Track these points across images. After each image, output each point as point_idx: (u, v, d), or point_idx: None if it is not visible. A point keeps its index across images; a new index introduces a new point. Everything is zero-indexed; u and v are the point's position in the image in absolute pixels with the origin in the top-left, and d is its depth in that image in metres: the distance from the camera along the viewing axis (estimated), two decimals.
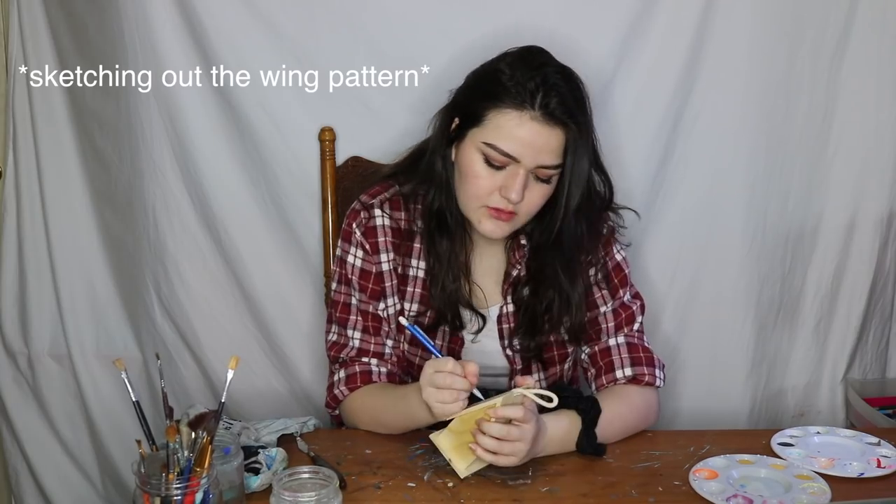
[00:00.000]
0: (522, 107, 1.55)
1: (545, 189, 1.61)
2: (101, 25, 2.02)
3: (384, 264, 1.73)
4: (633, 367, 1.71)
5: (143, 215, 2.09)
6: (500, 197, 1.58)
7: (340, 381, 1.73)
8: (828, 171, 2.09)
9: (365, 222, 1.73)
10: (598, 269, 1.74)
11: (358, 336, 1.74)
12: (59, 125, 2.13)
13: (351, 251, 1.74)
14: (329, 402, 1.76)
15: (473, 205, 1.62)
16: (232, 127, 2.02)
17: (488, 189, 1.58)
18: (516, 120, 1.55)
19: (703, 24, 1.98)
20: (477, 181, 1.59)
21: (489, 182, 1.58)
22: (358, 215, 1.74)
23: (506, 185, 1.57)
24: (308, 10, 1.96)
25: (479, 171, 1.59)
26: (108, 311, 2.22)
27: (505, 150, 1.56)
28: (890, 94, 2.06)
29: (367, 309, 1.74)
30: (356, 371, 1.72)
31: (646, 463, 1.56)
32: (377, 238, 1.73)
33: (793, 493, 1.44)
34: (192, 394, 2.15)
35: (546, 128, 1.55)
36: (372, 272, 1.73)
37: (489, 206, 1.60)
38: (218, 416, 1.30)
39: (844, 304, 2.16)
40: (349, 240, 1.74)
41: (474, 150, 1.59)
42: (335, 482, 1.30)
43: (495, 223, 1.61)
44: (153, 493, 1.22)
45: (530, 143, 1.55)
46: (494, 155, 1.56)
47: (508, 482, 1.49)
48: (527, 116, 1.55)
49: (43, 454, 2.29)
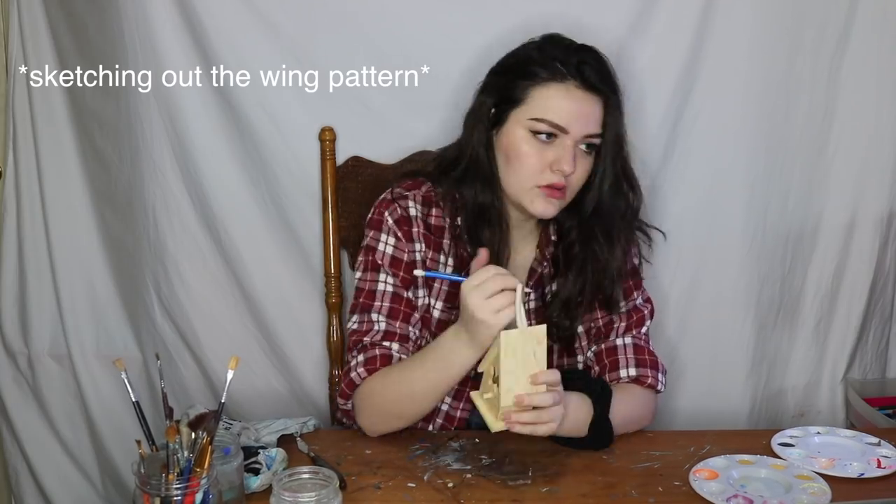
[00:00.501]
0: (564, 79, 1.58)
1: (588, 162, 1.63)
2: (101, 25, 2.02)
3: (417, 254, 1.71)
4: (638, 367, 1.71)
5: (143, 215, 2.09)
6: (552, 172, 1.59)
7: (358, 365, 1.65)
8: (828, 171, 2.09)
9: (399, 211, 1.71)
10: None
11: (383, 320, 1.68)
12: (59, 125, 2.14)
13: (382, 238, 1.71)
14: (344, 389, 1.67)
15: (526, 185, 1.62)
16: (232, 127, 2.02)
17: (539, 166, 1.59)
18: (561, 91, 1.58)
19: (703, 24, 1.98)
20: (527, 159, 1.60)
21: (539, 159, 1.59)
22: (391, 204, 1.72)
23: (557, 159, 1.58)
24: (308, 10, 1.96)
25: (527, 150, 1.60)
26: (108, 311, 2.22)
27: (554, 121, 1.58)
28: (890, 94, 2.06)
29: (400, 293, 1.69)
30: (376, 354, 1.65)
31: (646, 463, 1.56)
32: (410, 227, 1.71)
33: (793, 493, 1.44)
34: (192, 394, 2.15)
35: (588, 95, 1.59)
36: (403, 260, 1.70)
37: (541, 186, 1.60)
38: (218, 417, 1.30)
39: (844, 304, 2.16)
40: (380, 227, 1.71)
41: (520, 129, 1.60)
42: (335, 482, 1.30)
43: (548, 201, 1.61)
44: (153, 494, 1.22)
45: (577, 111, 1.58)
46: (543, 128, 1.58)
47: (508, 482, 1.49)
48: (571, 85, 1.58)
49: (43, 454, 2.29)
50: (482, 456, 1.57)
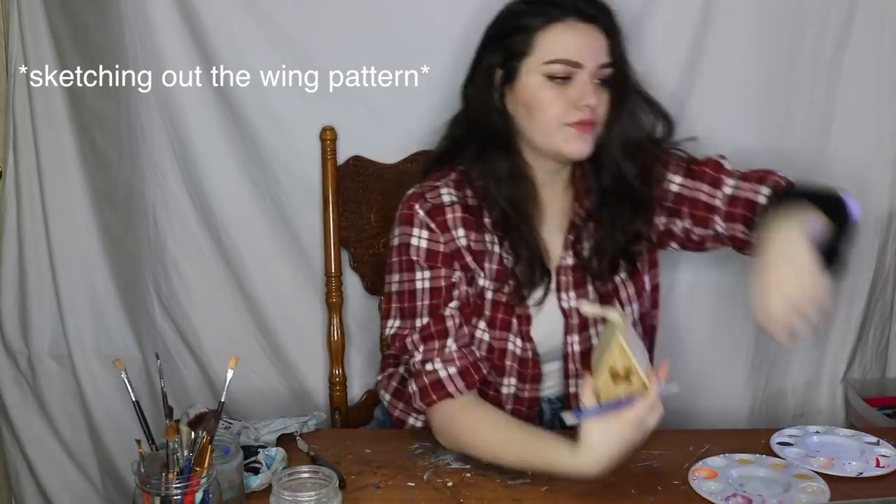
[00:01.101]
0: (563, 16, 1.57)
1: (607, 93, 1.61)
2: (101, 25, 2.02)
3: (459, 240, 1.63)
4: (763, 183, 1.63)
5: (143, 215, 2.09)
6: (577, 109, 1.57)
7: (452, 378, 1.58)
8: (828, 171, 2.09)
9: (430, 202, 1.64)
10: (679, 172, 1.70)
11: (426, 321, 1.61)
12: (59, 125, 2.14)
13: (414, 233, 1.62)
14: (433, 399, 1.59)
15: (554, 128, 1.59)
16: (232, 127, 2.02)
17: (563, 107, 1.57)
18: (565, 29, 1.57)
19: (703, 24, 1.98)
20: (550, 103, 1.58)
21: (561, 100, 1.57)
22: (420, 198, 1.64)
23: (579, 95, 1.57)
24: (308, 10, 1.96)
25: (547, 94, 1.58)
26: (108, 311, 2.22)
27: (567, 58, 1.56)
28: (890, 94, 2.06)
29: (438, 287, 1.62)
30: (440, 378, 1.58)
31: (645, 462, 1.56)
32: (445, 216, 1.63)
33: (792, 492, 1.44)
34: (192, 394, 2.15)
35: (590, 27, 1.58)
36: (440, 251, 1.62)
37: (570, 124, 1.58)
38: (218, 416, 1.30)
39: (844, 304, 2.16)
40: (411, 222, 1.63)
41: (535, 76, 1.59)
42: (335, 482, 1.30)
43: (581, 138, 1.59)
44: (153, 493, 1.22)
45: (586, 44, 1.57)
46: (559, 68, 1.57)
47: (508, 481, 1.49)
48: (572, 21, 1.57)
49: (43, 454, 2.30)
50: None
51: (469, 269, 1.64)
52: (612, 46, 1.61)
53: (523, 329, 1.66)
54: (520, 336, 1.66)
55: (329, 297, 2.02)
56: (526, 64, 1.59)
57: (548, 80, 1.58)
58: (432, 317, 1.61)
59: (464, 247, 1.63)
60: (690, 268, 2.11)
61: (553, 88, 1.58)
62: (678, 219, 1.71)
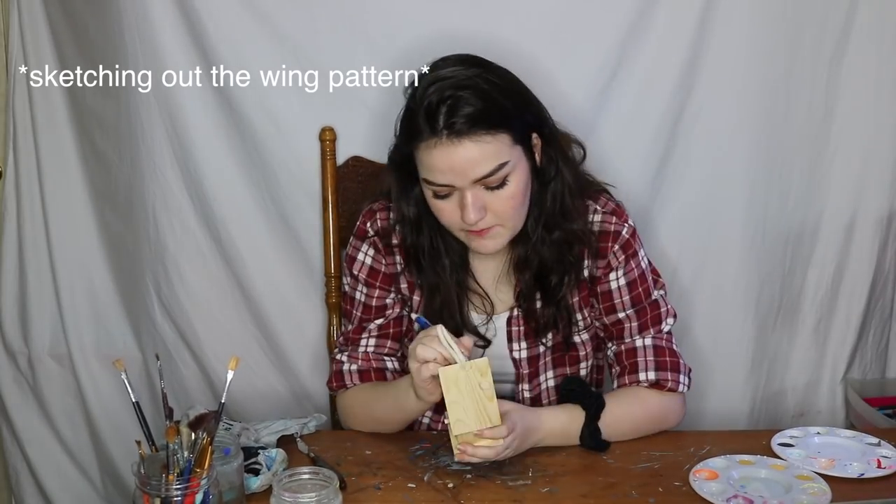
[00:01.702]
0: (429, 137, 1.50)
1: (508, 191, 1.54)
2: (101, 25, 2.02)
3: (397, 266, 1.72)
4: (658, 371, 1.67)
5: (143, 215, 2.09)
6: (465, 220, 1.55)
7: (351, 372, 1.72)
8: (828, 171, 2.09)
9: (379, 223, 1.71)
10: (622, 274, 1.69)
11: (351, 328, 1.75)
12: (59, 125, 2.14)
13: (362, 249, 1.72)
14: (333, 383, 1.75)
15: (454, 231, 1.61)
16: (232, 127, 2.02)
17: (453, 217, 1.56)
18: (428, 152, 1.51)
19: (703, 24, 1.98)
20: (441, 214, 1.58)
21: (450, 211, 1.56)
22: (373, 215, 1.72)
23: (460, 209, 1.54)
24: (308, 10, 1.96)
25: (436, 205, 1.57)
26: (108, 311, 2.22)
27: (437, 181, 1.53)
28: (890, 94, 2.06)
29: (370, 303, 1.73)
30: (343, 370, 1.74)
31: (646, 464, 1.56)
32: (391, 241, 1.71)
33: (793, 493, 1.44)
34: (192, 394, 2.15)
35: (454, 146, 1.49)
36: (381, 271, 1.72)
37: (466, 231, 1.58)
38: (218, 417, 1.30)
39: (844, 304, 2.16)
40: (362, 237, 1.72)
41: (425, 187, 1.57)
42: (335, 483, 1.30)
43: (480, 241, 1.59)
44: (153, 494, 1.22)
45: (450, 167, 1.50)
46: (436, 189, 1.55)
47: (508, 482, 1.49)
48: (433, 144, 1.50)
49: (43, 454, 2.30)
50: None
51: (401, 293, 1.73)
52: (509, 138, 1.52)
53: None
54: None
55: (329, 297, 2.02)
56: (420, 171, 1.57)
57: (433, 195, 1.56)
58: (356, 326, 1.74)
59: (402, 275, 1.72)
60: (690, 268, 2.11)
61: (440, 201, 1.56)
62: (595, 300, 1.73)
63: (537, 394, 1.75)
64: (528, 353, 1.73)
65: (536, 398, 1.75)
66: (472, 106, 1.49)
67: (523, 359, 1.73)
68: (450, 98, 1.49)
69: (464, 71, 1.53)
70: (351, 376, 1.72)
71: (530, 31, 1.92)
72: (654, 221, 2.07)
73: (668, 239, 2.08)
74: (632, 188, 2.01)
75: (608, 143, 1.99)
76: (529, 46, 1.89)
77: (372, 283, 1.72)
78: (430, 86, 1.52)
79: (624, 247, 1.68)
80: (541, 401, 1.75)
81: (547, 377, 1.75)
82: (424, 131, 1.50)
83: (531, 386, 1.75)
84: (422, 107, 1.51)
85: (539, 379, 1.75)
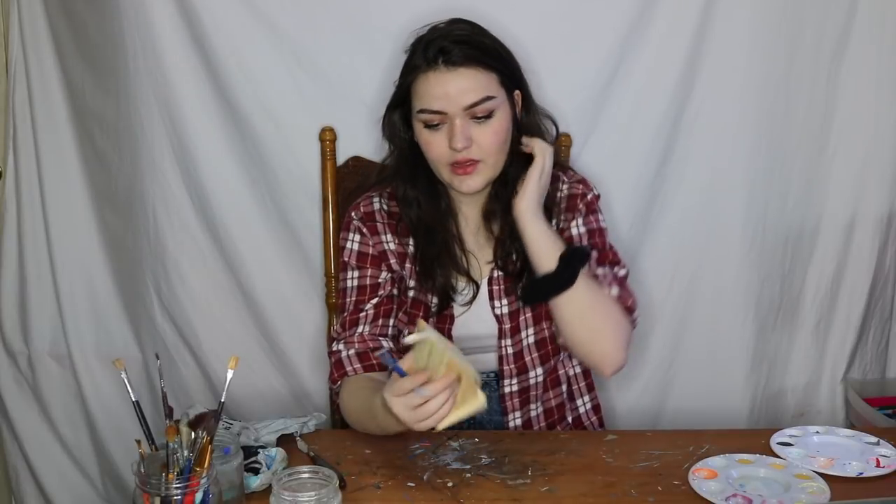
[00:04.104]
0: (428, 66, 1.60)
1: (493, 125, 1.62)
2: (101, 25, 2.02)
3: (388, 244, 1.74)
4: (620, 289, 1.67)
5: (143, 215, 2.09)
6: (451, 150, 1.61)
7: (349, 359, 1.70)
8: (828, 171, 2.10)
9: (363, 209, 1.74)
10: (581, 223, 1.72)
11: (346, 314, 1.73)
12: (59, 125, 2.14)
13: (349, 237, 1.75)
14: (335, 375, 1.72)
15: (441, 170, 1.65)
16: (232, 127, 2.02)
17: (442, 150, 1.62)
18: (424, 79, 1.60)
19: (703, 24, 1.98)
20: (430, 147, 1.63)
21: (439, 143, 1.62)
22: (357, 207, 1.76)
23: (448, 139, 1.61)
24: (308, 10, 1.96)
25: (427, 139, 1.63)
26: (108, 311, 2.23)
27: (429, 108, 1.60)
28: (890, 94, 2.06)
29: (364, 284, 1.73)
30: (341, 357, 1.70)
31: (645, 462, 1.56)
32: (375, 221, 1.74)
33: (792, 492, 1.44)
34: (192, 394, 2.15)
35: (448, 73, 1.59)
36: (369, 254, 1.73)
37: (451, 165, 1.62)
38: (218, 416, 1.30)
39: (844, 304, 2.17)
40: (348, 227, 1.75)
41: (417, 123, 1.64)
42: (335, 482, 1.30)
43: (462, 178, 1.63)
44: (153, 493, 1.22)
45: (444, 92, 1.59)
46: (428, 118, 1.61)
47: (508, 482, 1.49)
48: (430, 72, 1.60)
49: (43, 454, 2.30)
50: (482, 456, 1.57)
51: (393, 271, 1.74)
52: (498, 78, 1.62)
53: (446, 328, 1.73)
54: None
55: (329, 296, 2.02)
56: (413, 112, 1.64)
57: (424, 126, 1.62)
58: (352, 309, 1.73)
59: (391, 250, 1.74)
60: (690, 268, 2.11)
61: (431, 133, 1.63)
62: None
63: (519, 350, 1.75)
64: (508, 309, 1.74)
65: (518, 354, 1.75)
66: (467, 44, 1.61)
67: (504, 314, 1.74)
68: (448, 35, 1.62)
69: (462, 24, 1.66)
70: (350, 361, 1.70)
71: (531, 31, 1.92)
72: (654, 222, 2.07)
73: (668, 239, 2.09)
74: (632, 188, 2.02)
75: (608, 143, 1.99)
76: (530, 46, 1.88)
77: (362, 266, 1.73)
78: (431, 31, 1.65)
79: (588, 204, 1.73)
80: (523, 357, 1.75)
81: (528, 333, 1.75)
82: (422, 64, 1.61)
83: (513, 342, 1.75)
84: (422, 43, 1.63)
85: (521, 335, 1.75)
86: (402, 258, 1.74)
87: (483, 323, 1.74)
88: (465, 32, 1.63)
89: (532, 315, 1.75)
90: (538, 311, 1.75)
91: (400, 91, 1.66)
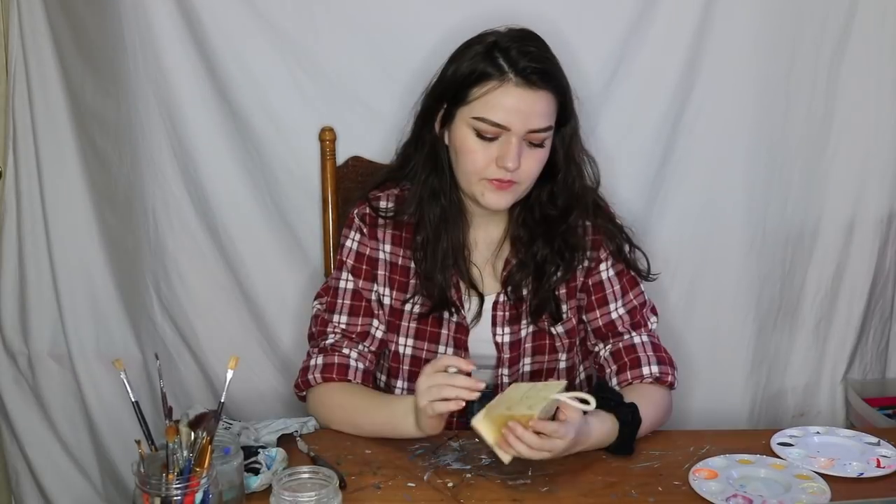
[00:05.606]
0: (503, 77, 1.58)
1: (540, 154, 1.62)
2: (101, 25, 2.02)
3: (380, 252, 1.74)
4: (659, 365, 1.70)
5: (143, 215, 2.09)
6: (497, 167, 1.59)
7: (316, 368, 1.70)
8: (828, 172, 2.09)
9: (368, 209, 1.74)
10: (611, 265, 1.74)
11: (344, 320, 1.73)
12: (59, 125, 2.14)
13: (350, 235, 1.75)
14: (300, 384, 1.73)
15: (474, 179, 1.63)
16: (232, 127, 2.02)
17: (484, 162, 1.60)
18: (500, 90, 1.58)
19: (703, 24, 1.98)
20: (473, 156, 1.61)
21: (484, 155, 1.60)
22: (362, 204, 1.76)
23: (501, 155, 1.59)
24: (308, 10, 1.96)
25: (472, 146, 1.61)
26: (108, 311, 2.22)
27: (495, 120, 1.58)
28: (890, 94, 2.06)
29: (356, 288, 1.74)
30: (334, 362, 1.70)
31: (645, 463, 1.56)
32: (376, 224, 1.74)
33: (792, 492, 1.44)
34: (192, 394, 2.15)
35: (529, 91, 1.58)
36: (366, 255, 1.73)
37: (489, 179, 1.61)
38: (218, 417, 1.30)
39: (844, 304, 2.17)
40: (350, 225, 1.76)
41: (465, 126, 1.61)
42: (335, 482, 1.30)
43: (497, 194, 1.62)
44: (153, 493, 1.22)
45: (517, 109, 1.57)
46: (485, 128, 1.59)
47: (508, 482, 1.49)
48: (510, 84, 1.57)
49: (43, 454, 2.29)
50: (482, 456, 1.57)
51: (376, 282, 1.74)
52: (558, 108, 1.62)
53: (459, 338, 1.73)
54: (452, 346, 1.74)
55: None
56: (461, 111, 1.62)
57: (475, 133, 1.60)
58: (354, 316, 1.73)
59: (381, 260, 1.74)
60: (690, 268, 2.11)
61: (480, 142, 1.60)
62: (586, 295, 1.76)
63: (515, 378, 1.76)
64: (510, 339, 1.74)
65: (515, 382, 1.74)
66: (549, 65, 1.61)
67: (505, 343, 1.74)
68: (531, 50, 1.60)
69: (535, 39, 1.64)
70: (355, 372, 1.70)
71: None
72: (654, 222, 2.07)
73: (668, 239, 2.08)
74: (632, 188, 2.01)
75: (608, 143, 1.99)
76: None
77: (357, 269, 1.74)
78: (510, 38, 1.62)
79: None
80: None
81: (525, 363, 1.76)
82: (506, 73, 1.58)
83: (510, 371, 1.76)
84: (501, 49, 1.59)
85: (518, 364, 1.76)
86: (403, 272, 1.73)
87: (482, 344, 1.75)
88: (545, 52, 1.62)
89: (533, 346, 1.76)
90: (539, 344, 1.76)
91: (456, 84, 1.62)
